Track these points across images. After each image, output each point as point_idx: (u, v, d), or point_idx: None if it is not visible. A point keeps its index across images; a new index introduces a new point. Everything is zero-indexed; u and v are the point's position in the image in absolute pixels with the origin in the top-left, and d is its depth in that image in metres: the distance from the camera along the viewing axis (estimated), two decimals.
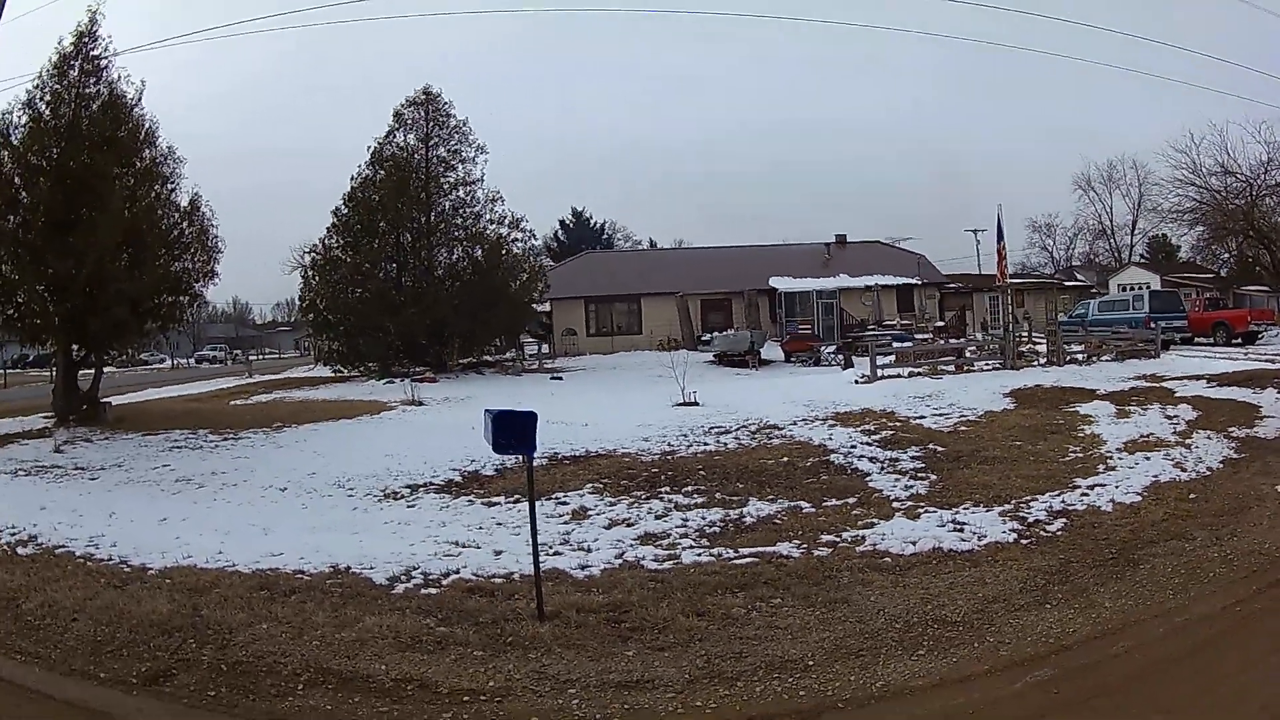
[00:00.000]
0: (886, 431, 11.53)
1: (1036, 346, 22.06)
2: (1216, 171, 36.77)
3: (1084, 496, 8.04)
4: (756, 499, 8.57)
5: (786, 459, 10.29)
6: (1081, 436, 10.94)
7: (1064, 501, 7.87)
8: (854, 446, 10.77)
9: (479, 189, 29.01)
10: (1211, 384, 13.88)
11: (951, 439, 11.12)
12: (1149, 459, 9.43)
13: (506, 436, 5.64)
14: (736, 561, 6.59)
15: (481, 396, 17.73)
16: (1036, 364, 18.54)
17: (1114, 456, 9.71)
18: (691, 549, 7.03)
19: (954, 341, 26.42)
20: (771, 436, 11.87)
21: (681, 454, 10.95)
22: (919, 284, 37.15)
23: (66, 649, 5.19)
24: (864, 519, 7.71)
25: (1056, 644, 4.89)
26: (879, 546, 6.84)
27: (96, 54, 16.03)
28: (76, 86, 15.71)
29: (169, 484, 10.25)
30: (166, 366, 51.92)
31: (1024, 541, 6.85)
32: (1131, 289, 36.12)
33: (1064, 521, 7.30)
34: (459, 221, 29.00)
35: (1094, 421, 11.74)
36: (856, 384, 16.95)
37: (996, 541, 6.85)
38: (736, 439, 11.85)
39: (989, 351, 20.93)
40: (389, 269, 28.43)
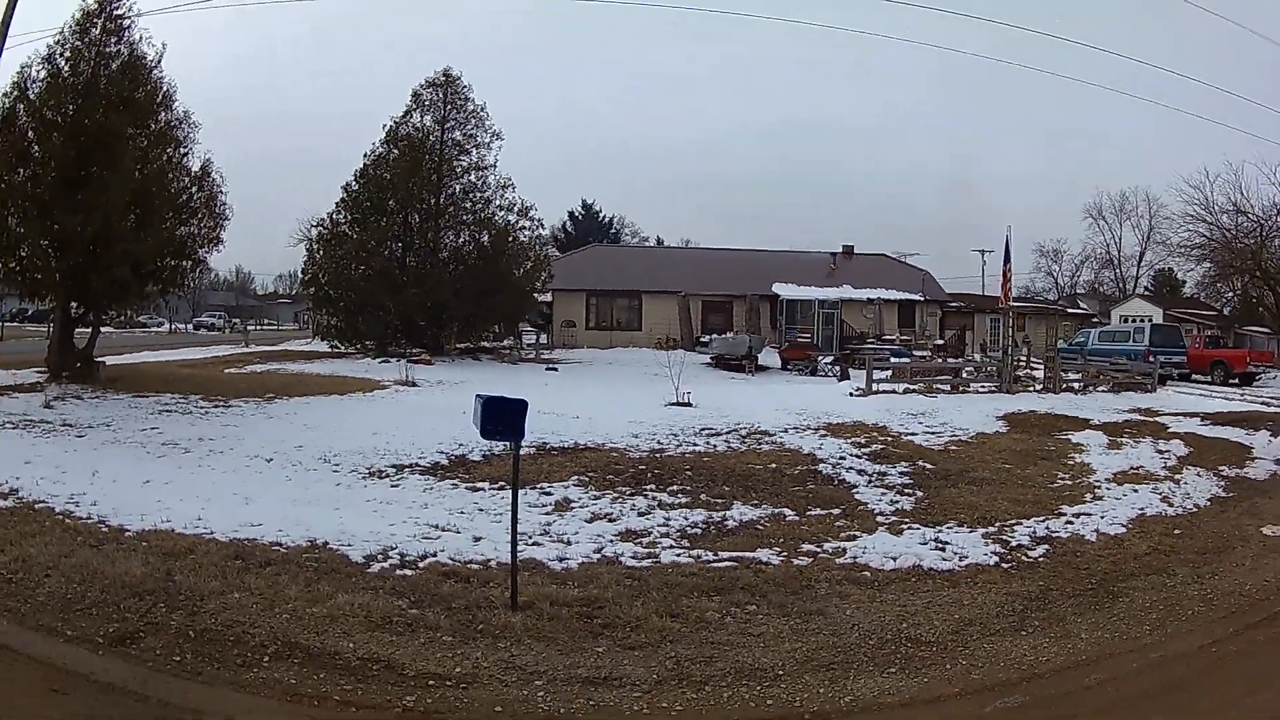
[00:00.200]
0: (877, 445, 11.50)
1: (1034, 372, 22.03)
2: (1228, 209, 36.81)
3: (1069, 524, 8.01)
4: (741, 503, 8.55)
5: (775, 465, 10.26)
6: (1071, 464, 10.91)
7: (1048, 528, 7.85)
8: (843, 458, 10.74)
9: (491, 175, 28.98)
10: (1205, 422, 13.87)
11: (941, 457, 11.09)
12: (1137, 491, 9.41)
13: (495, 423, 5.62)
14: (715, 564, 6.57)
15: (475, 382, 17.69)
16: (1032, 389, 18.51)
17: (1102, 486, 9.69)
18: (671, 548, 7.01)
19: (952, 361, 26.41)
20: (761, 442, 11.85)
21: (670, 453, 10.93)
22: (922, 300, 37.09)
23: (37, 605, 5.16)
24: (847, 531, 7.69)
25: (1029, 671, 4.87)
26: (859, 560, 6.81)
27: (119, 13, 16.06)
28: (97, 45, 15.71)
29: (155, 446, 10.22)
30: (164, 330, 51.91)
31: (1005, 565, 6.83)
32: (1133, 321, 36.12)
33: (1047, 548, 7.28)
34: (468, 205, 28.94)
35: (1085, 450, 11.72)
36: (851, 396, 16.91)
37: (977, 563, 6.83)
38: (726, 442, 11.82)
39: (986, 373, 20.92)
40: (394, 248, 28.39)
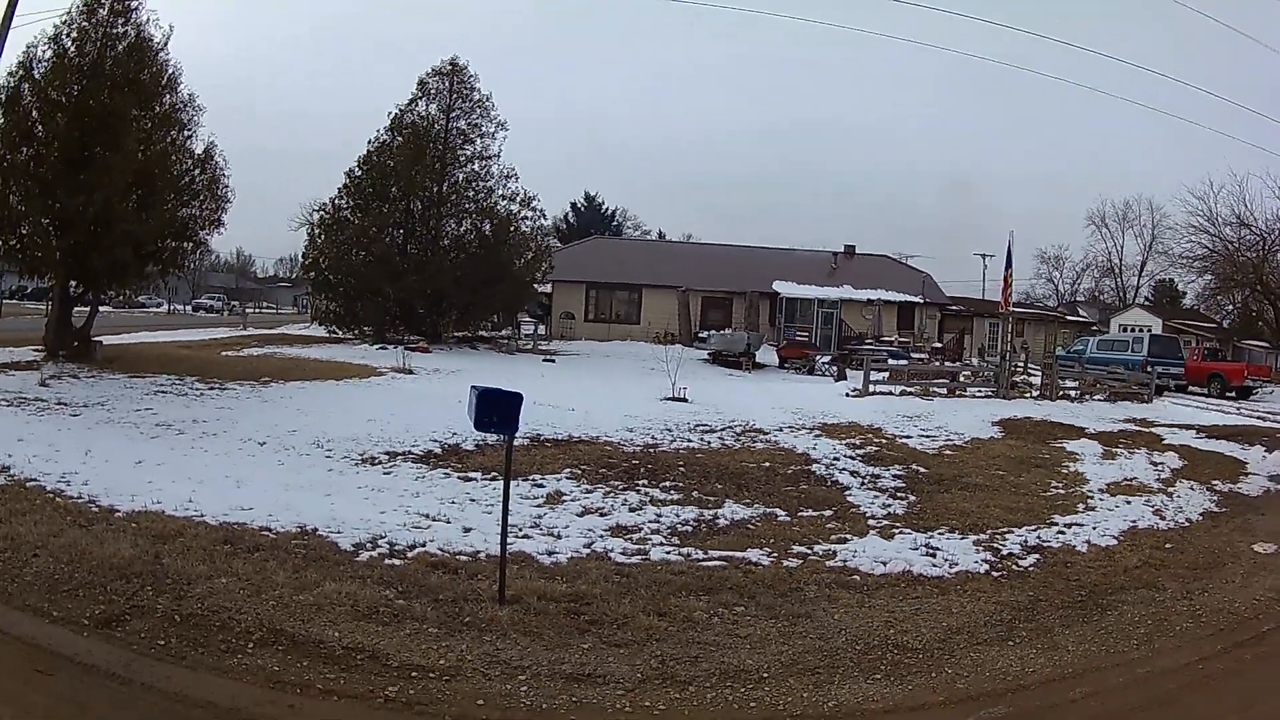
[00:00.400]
0: (871, 448, 11.50)
1: (1031, 378, 22.01)
2: (1232, 222, 36.81)
3: (1060, 534, 8.00)
4: (733, 501, 8.55)
5: (768, 464, 10.26)
6: (1065, 473, 10.91)
7: (1039, 537, 7.84)
8: (837, 459, 10.74)
9: (494, 164, 28.93)
10: (1201, 435, 13.85)
11: (935, 462, 11.09)
12: (1130, 503, 9.39)
13: (490, 415, 5.58)
14: (705, 563, 6.56)
15: (472, 371, 17.68)
16: (1029, 396, 18.51)
17: (1095, 497, 9.68)
18: (661, 546, 7.00)
19: (949, 364, 26.39)
20: (756, 440, 11.85)
21: (664, 448, 10.93)
22: (921, 302, 37.05)
23: (23, 584, 5.15)
24: (838, 533, 7.69)
25: (1014, 682, 4.86)
26: (849, 563, 6.81)
27: None
28: (104, 26, 15.70)
29: (149, 427, 10.20)
30: (163, 311, 51.83)
31: (995, 574, 6.82)
32: (1132, 330, 36.11)
33: (1037, 557, 7.27)
34: (471, 194, 28.88)
35: (1079, 460, 11.71)
36: (847, 397, 16.91)
37: (967, 571, 6.82)
38: (721, 439, 11.82)
39: (983, 378, 20.90)
40: (395, 235, 28.34)
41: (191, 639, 4.63)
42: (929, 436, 12.82)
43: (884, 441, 12.08)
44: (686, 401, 15.33)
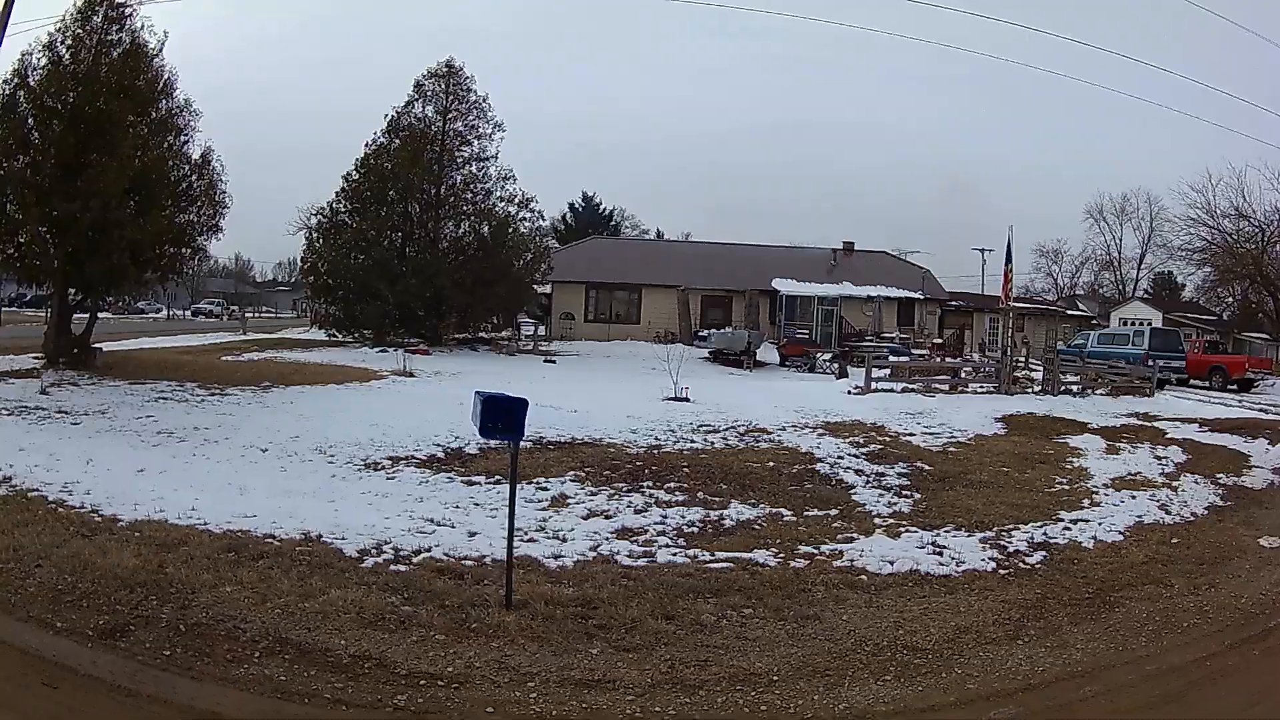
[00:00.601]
0: (875, 445, 11.47)
1: (1032, 373, 22.00)
2: (1230, 214, 36.88)
3: (1066, 530, 7.97)
4: (738, 502, 8.52)
5: (772, 464, 10.23)
6: (1069, 469, 10.88)
7: (1046, 534, 7.81)
8: (841, 457, 10.71)
9: (492, 166, 29.03)
10: (1204, 428, 13.83)
11: (939, 459, 11.06)
12: (1134, 498, 9.38)
13: (495, 421, 5.53)
14: (711, 565, 6.53)
15: (473, 373, 17.65)
16: (1031, 391, 18.48)
17: (1100, 492, 9.65)
18: (668, 548, 6.97)
19: (951, 360, 26.39)
20: (759, 440, 11.82)
21: (667, 449, 10.90)
22: (921, 299, 37.04)
23: (27, 595, 5.13)
24: (844, 533, 7.65)
25: (1024, 682, 4.83)
26: (856, 563, 6.77)
27: (122, 1, 15.97)
28: (99, 32, 15.67)
29: (150, 435, 10.17)
30: (162, 317, 51.83)
31: (1002, 571, 6.79)
32: (1133, 324, 36.10)
33: (1044, 554, 7.23)
34: (469, 196, 28.92)
35: (1083, 455, 11.69)
36: (849, 394, 16.88)
37: (975, 569, 6.78)
38: (724, 439, 11.79)
39: (984, 374, 20.88)
40: (394, 238, 28.35)
41: (197, 649, 4.60)
42: (932, 433, 12.79)
43: (888, 439, 12.05)
44: (688, 401, 15.29)
